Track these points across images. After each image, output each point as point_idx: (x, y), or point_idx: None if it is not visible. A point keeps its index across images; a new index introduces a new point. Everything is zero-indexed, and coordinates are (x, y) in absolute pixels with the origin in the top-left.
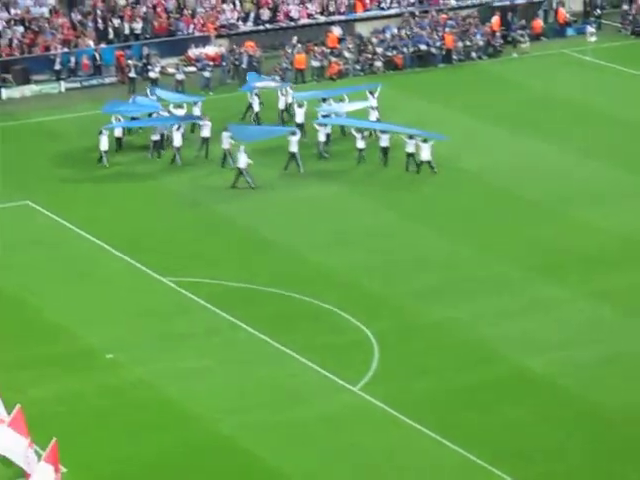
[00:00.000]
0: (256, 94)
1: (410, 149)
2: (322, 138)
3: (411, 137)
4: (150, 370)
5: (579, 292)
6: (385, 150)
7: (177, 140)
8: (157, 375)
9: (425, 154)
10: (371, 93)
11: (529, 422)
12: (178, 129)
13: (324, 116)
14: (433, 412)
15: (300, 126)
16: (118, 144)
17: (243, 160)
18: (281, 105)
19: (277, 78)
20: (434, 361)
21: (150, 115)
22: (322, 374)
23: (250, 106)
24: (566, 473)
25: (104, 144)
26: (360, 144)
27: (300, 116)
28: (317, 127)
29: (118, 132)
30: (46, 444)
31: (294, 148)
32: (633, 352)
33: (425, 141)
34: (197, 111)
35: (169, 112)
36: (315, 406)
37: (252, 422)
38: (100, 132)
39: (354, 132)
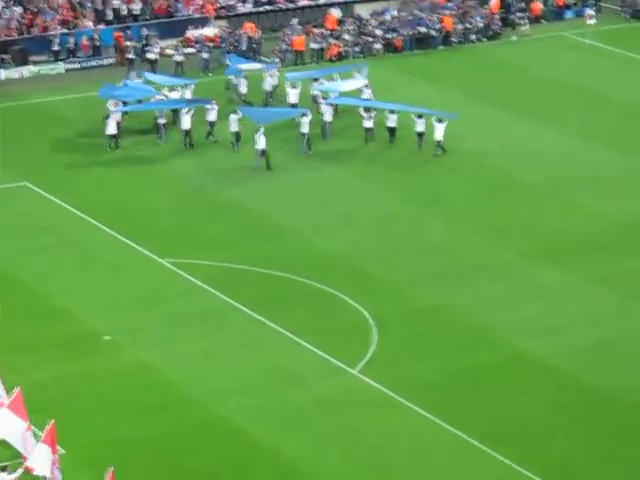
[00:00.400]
0: (243, 77)
1: (420, 128)
2: (329, 118)
3: (420, 116)
4: (149, 353)
5: (578, 276)
6: (392, 130)
7: (185, 123)
8: (156, 358)
9: (438, 134)
10: (359, 72)
11: (527, 405)
12: (187, 112)
13: (324, 97)
14: (431, 394)
15: (293, 107)
16: (117, 128)
17: (262, 141)
18: (267, 87)
19: (262, 59)
20: (433, 344)
21: (142, 100)
22: (320, 356)
23: (228, 88)
24: (564, 455)
25: (111, 128)
26: (368, 124)
27: (294, 97)
28: (324, 108)
29: (117, 116)
30: (46, 426)
31: (305, 129)
32: (631, 336)
33: (440, 121)
34: (188, 94)
35: (165, 96)
36: (313, 388)
37: (250, 404)
38: (107, 116)
39: (362, 112)
